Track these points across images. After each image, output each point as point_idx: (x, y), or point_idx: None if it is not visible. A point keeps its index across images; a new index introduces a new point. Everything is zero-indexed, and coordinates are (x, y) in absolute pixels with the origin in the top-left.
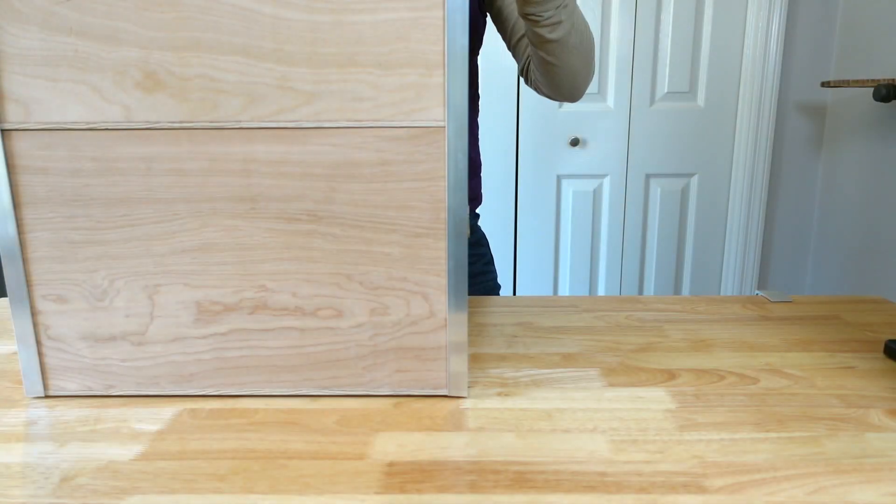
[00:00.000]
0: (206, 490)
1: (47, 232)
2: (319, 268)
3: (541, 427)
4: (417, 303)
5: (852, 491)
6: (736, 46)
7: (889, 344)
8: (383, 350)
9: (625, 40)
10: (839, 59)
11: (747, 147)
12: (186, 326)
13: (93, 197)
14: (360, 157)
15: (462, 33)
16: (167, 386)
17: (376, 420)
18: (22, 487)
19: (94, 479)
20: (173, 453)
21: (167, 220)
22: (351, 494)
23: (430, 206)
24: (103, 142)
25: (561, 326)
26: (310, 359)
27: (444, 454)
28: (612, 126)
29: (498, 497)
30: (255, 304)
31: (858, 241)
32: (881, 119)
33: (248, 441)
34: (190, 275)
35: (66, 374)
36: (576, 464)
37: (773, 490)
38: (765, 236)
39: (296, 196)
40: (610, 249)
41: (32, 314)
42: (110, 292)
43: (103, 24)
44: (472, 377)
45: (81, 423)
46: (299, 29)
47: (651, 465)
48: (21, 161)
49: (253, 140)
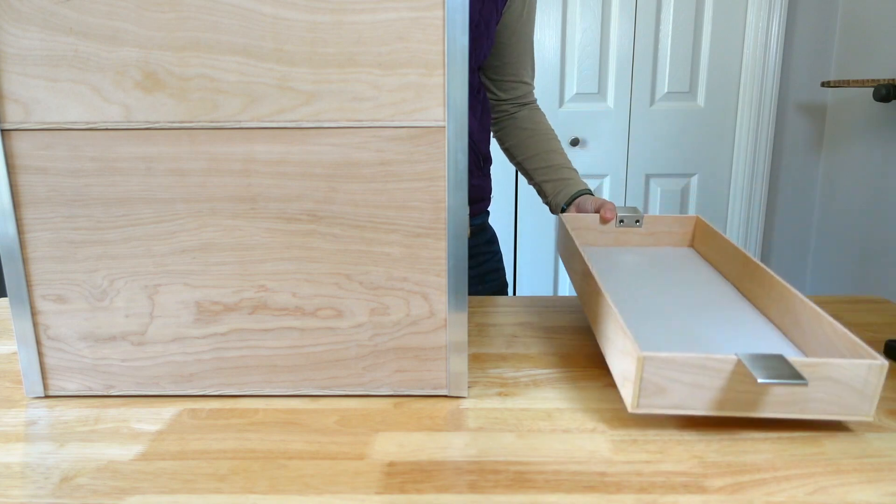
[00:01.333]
0: (206, 490)
1: (47, 232)
2: (319, 268)
3: (541, 427)
4: (417, 303)
5: (852, 491)
6: (736, 46)
7: (889, 344)
8: (383, 350)
9: (625, 40)
10: (839, 59)
11: (747, 147)
12: (186, 326)
13: (93, 197)
14: (360, 157)
15: (462, 33)
16: (167, 386)
17: (376, 420)
18: (22, 487)
19: (93, 479)
20: (173, 453)
21: (167, 220)
22: (351, 494)
23: (430, 206)
24: (103, 142)
25: (561, 326)
26: (310, 359)
27: (444, 454)
28: (612, 126)
29: (498, 497)
30: (255, 304)
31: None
32: (881, 119)
33: (248, 441)
34: (190, 275)
35: (65, 374)
36: (576, 464)
37: (773, 490)
38: (765, 236)
39: (296, 196)
40: None
41: (32, 314)
42: (110, 292)
43: (103, 24)
44: (472, 377)
45: (81, 423)
46: (299, 29)
47: (651, 465)
48: (21, 161)
49: (253, 140)
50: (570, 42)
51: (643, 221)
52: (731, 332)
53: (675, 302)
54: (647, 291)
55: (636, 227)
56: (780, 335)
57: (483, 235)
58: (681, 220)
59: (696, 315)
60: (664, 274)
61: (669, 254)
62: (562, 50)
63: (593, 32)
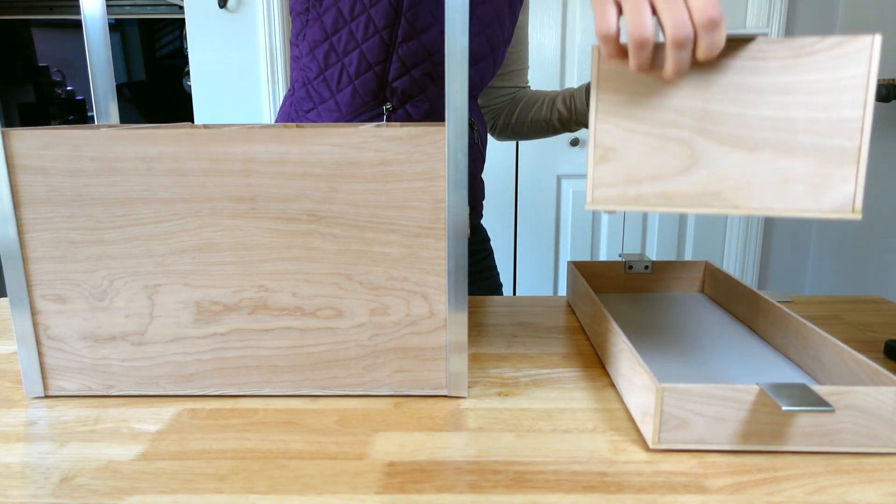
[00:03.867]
0: (206, 490)
1: (47, 232)
2: (319, 268)
3: (541, 427)
4: (417, 303)
5: (852, 491)
6: None
7: (889, 344)
8: (383, 350)
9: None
10: None
11: None
12: (186, 326)
13: (93, 197)
14: (360, 157)
15: (462, 33)
16: (167, 386)
17: (376, 420)
18: (22, 487)
19: (93, 479)
20: (173, 453)
21: (167, 219)
22: (351, 494)
23: (430, 206)
24: (103, 142)
25: (561, 326)
26: (310, 359)
27: (444, 454)
28: None
29: (498, 497)
30: (255, 304)
31: (858, 241)
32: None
33: (248, 441)
34: (190, 275)
35: (65, 374)
36: (576, 464)
37: (773, 490)
38: (764, 236)
39: (296, 196)
40: (610, 249)
41: (32, 314)
42: (110, 292)
43: None
44: (472, 377)
45: (81, 423)
46: None
47: (651, 465)
48: (21, 161)
49: (253, 140)
50: (570, 42)
51: (652, 267)
52: (749, 369)
53: (691, 342)
54: (660, 333)
55: (645, 272)
56: (800, 371)
57: (476, 235)
58: (690, 265)
59: (713, 353)
60: (676, 316)
61: (680, 298)
62: (562, 50)
63: (593, 32)
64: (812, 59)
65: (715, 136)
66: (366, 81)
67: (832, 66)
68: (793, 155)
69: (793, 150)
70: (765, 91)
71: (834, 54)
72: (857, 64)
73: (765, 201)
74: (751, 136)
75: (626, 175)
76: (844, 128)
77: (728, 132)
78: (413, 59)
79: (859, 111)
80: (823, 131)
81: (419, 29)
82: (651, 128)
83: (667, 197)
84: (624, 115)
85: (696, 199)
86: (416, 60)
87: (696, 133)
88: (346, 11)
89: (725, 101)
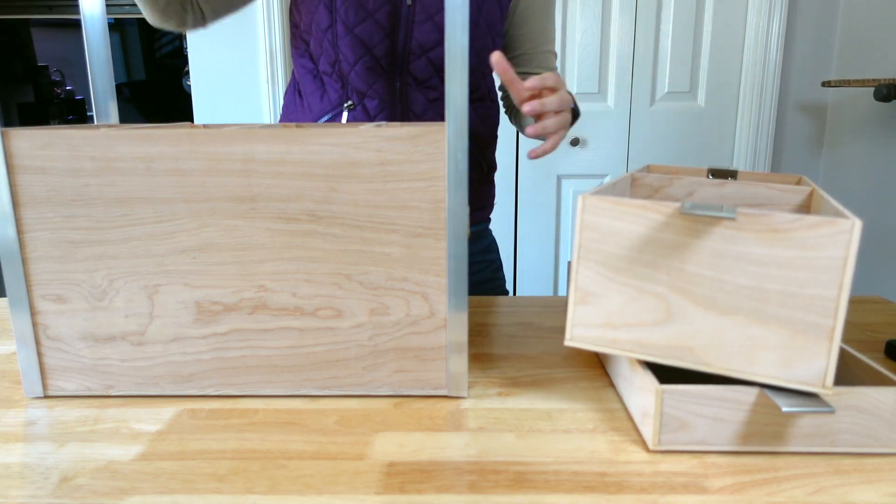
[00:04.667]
0: (206, 490)
1: (47, 232)
2: (319, 268)
3: (541, 427)
4: (417, 303)
5: (852, 491)
6: (736, 46)
7: (890, 344)
8: (383, 350)
9: (625, 40)
10: (840, 58)
11: (748, 147)
12: (186, 326)
13: (92, 197)
14: (360, 156)
15: (462, 33)
16: (167, 386)
17: (376, 420)
18: (21, 488)
19: (93, 479)
20: (173, 454)
21: (167, 219)
22: (351, 494)
23: (430, 206)
24: (103, 142)
25: (561, 326)
26: (310, 359)
27: (444, 454)
28: (612, 126)
29: (498, 497)
30: (255, 304)
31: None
32: (882, 119)
33: (248, 441)
34: (190, 275)
35: (65, 375)
36: (576, 464)
37: (773, 490)
38: None
39: (295, 196)
40: None
41: (32, 314)
42: (110, 292)
43: None
44: (472, 377)
45: (81, 424)
46: None
47: (651, 465)
48: (21, 161)
49: (253, 140)
50: (570, 42)
51: None
52: None
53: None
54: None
55: None
56: None
57: (479, 244)
58: None
59: None
60: None
61: None
62: (562, 50)
63: (593, 32)
64: (790, 236)
65: (690, 295)
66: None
67: (810, 246)
68: (765, 324)
69: (765, 320)
70: (741, 260)
71: (812, 234)
72: (835, 246)
73: (735, 363)
74: (725, 301)
75: (605, 319)
76: (819, 305)
77: (703, 294)
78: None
79: (835, 291)
80: (798, 306)
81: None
82: (629, 279)
83: (641, 345)
84: (603, 265)
85: (669, 351)
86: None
87: (673, 290)
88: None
89: (703, 265)
